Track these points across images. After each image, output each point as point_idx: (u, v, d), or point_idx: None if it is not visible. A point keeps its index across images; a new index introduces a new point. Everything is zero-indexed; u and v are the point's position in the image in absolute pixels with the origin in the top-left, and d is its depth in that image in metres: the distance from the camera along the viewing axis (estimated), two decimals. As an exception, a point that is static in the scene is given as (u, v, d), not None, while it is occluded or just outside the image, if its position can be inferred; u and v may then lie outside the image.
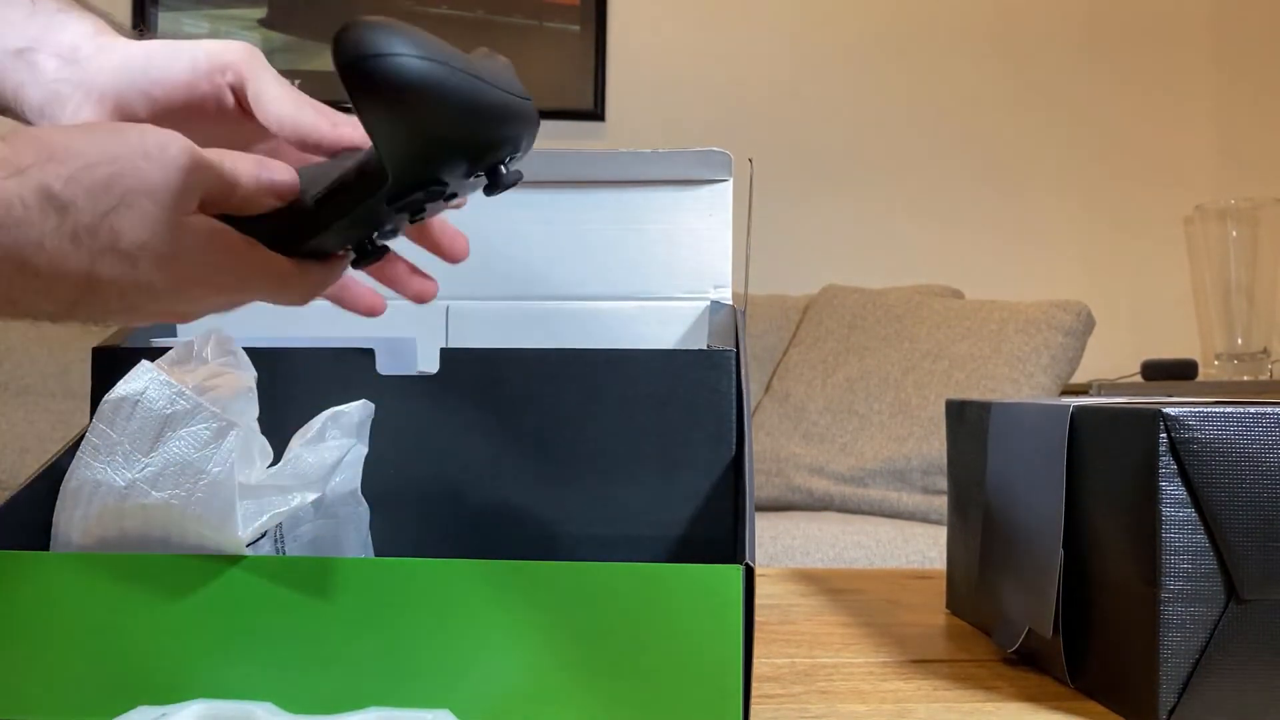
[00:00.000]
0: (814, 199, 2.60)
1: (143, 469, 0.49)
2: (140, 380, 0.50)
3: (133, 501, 0.49)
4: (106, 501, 0.49)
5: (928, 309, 2.17)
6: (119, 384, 0.50)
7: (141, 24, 2.48)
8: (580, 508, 0.60)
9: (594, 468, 0.60)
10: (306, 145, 0.49)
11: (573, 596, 0.46)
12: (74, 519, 0.50)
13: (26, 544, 0.52)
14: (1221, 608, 0.49)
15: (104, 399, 0.50)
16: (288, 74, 0.50)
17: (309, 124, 0.48)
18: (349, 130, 0.48)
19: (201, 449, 0.49)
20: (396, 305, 0.75)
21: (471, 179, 0.45)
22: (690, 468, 0.60)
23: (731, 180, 0.74)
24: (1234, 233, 2.42)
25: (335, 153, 0.49)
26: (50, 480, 0.53)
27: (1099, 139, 2.65)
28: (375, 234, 0.48)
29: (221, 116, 0.50)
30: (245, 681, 0.47)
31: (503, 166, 0.45)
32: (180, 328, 0.67)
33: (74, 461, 0.51)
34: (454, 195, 0.47)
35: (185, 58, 0.49)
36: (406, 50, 0.37)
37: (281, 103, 0.48)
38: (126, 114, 0.49)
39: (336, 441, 0.55)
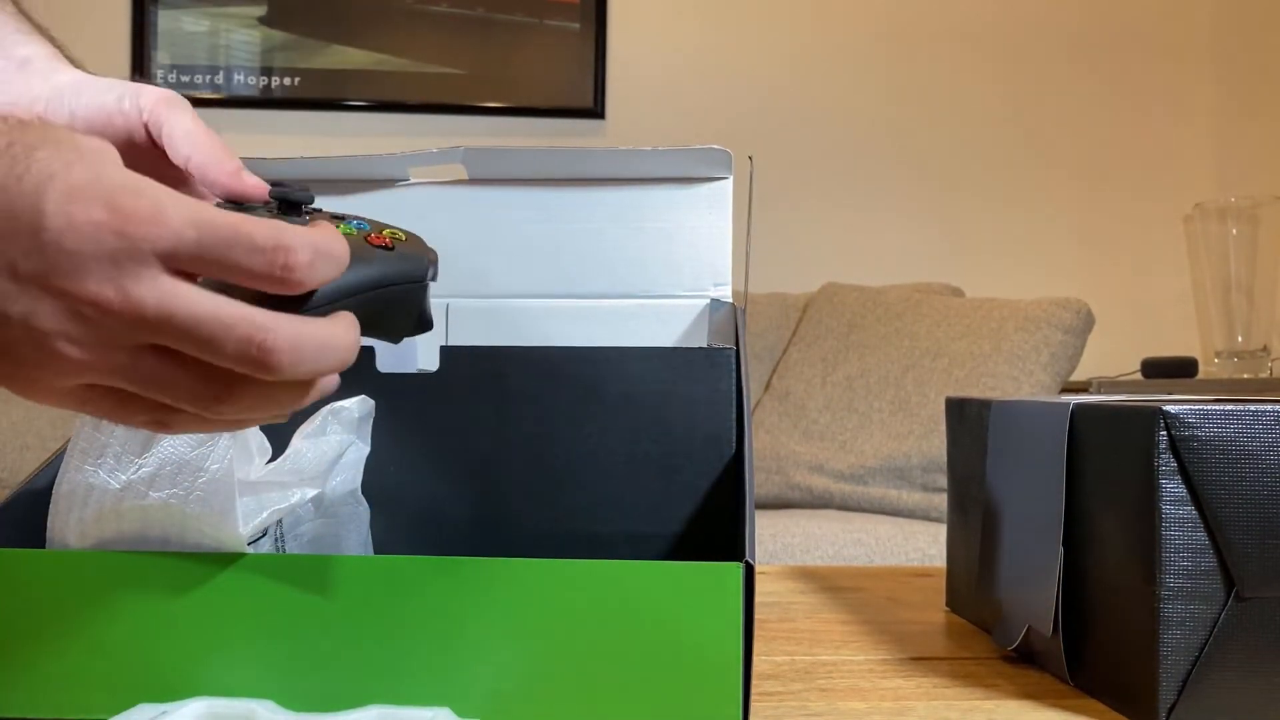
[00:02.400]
0: (814, 197, 2.59)
1: (137, 470, 0.49)
2: None
3: (130, 503, 0.49)
4: (103, 504, 0.49)
5: (927, 307, 2.17)
6: None
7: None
8: (580, 506, 0.60)
9: (594, 466, 0.60)
10: (205, 182, 0.47)
11: (572, 594, 0.46)
12: (69, 522, 0.50)
13: (27, 541, 0.52)
14: (1221, 605, 0.49)
15: None
16: (287, 72, 0.50)
17: (212, 163, 0.47)
18: (246, 183, 0.47)
19: (197, 446, 0.49)
20: (396, 303, 0.75)
21: None
22: (690, 466, 0.60)
23: (731, 178, 0.74)
24: (1234, 231, 2.42)
25: (229, 198, 0.47)
26: (51, 478, 0.53)
27: (1099, 137, 2.65)
28: None
29: (135, 151, 0.50)
30: (245, 679, 0.48)
31: None
32: None
33: (63, 465, 0.51)
34: None
35: (115, 92, 0.50)
36: None
37: (191, 137, 0.48)
38: None
39: (337, 437, 0.55)
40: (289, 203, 0.42)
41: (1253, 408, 0.49)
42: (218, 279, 0.35)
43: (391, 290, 0.40)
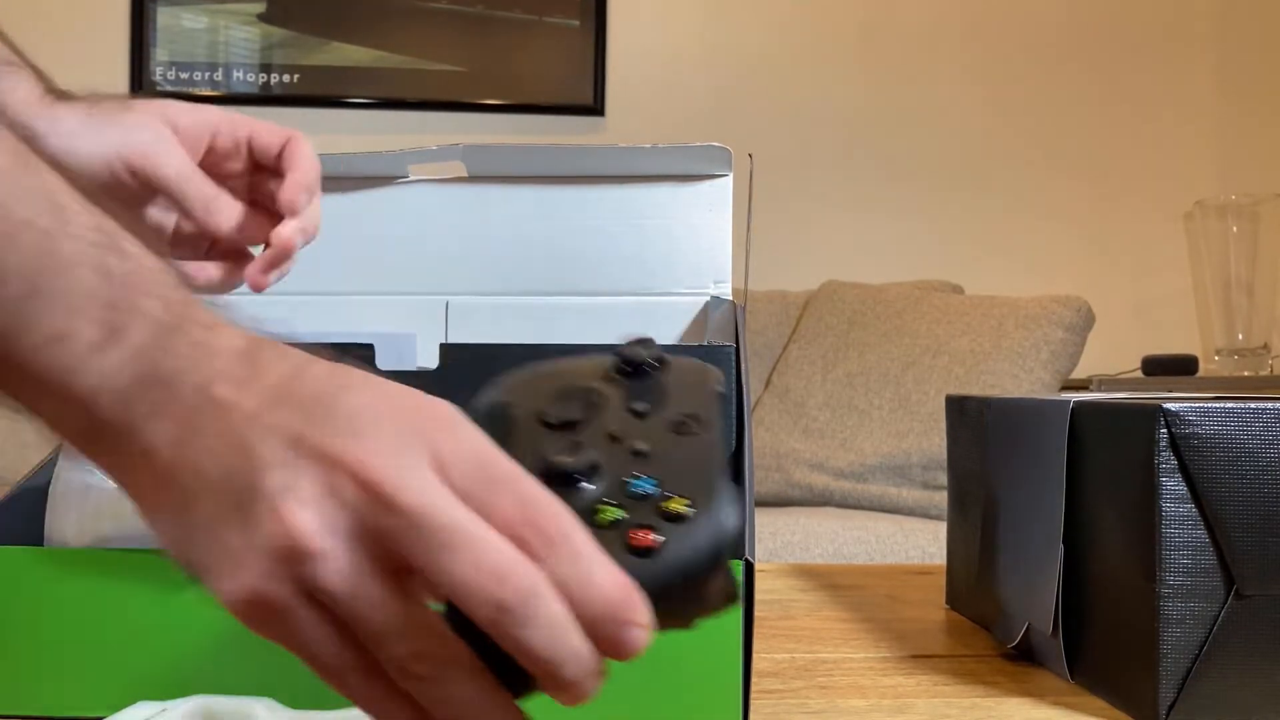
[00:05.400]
0: (814, 195, 2.59)
1: None
2: None
3: (129, 501, 0.49)
4: (100, 503, 0.49)
5: (927, 304, 2.17)
6: None
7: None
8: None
9: (594, 463, 0.60)
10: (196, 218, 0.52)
11: (572, 592, 0.46)
12: (67, 520, 0.50)
13: (26, 539, 0.52)
14: (1221, 603, 0.49)
15: None
16: (287, 69, 0.51)
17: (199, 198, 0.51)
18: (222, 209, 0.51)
19: None
20: (397, 300, 0.75)
21: None
22: (690, 463, 0.60)
23: (731, 175, 0.73)
24: (1234, 228, 2.42)
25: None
26: (50, 475, 0.53)
27: (1099, 134, 2.65)
28: None
29: (132, 199, 0.53)
30: (244, 676, 0.47)
31: None
32: None
33: (58, 465, 0.50)
34: None
35: (106, 144, 0.52)
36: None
37: (178, 174, 0.52)
38: None
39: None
40: (633, 364, 0.38)
41: (1253, 405, 0.49)
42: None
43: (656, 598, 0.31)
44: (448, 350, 0.61)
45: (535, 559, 0.30)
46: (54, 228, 0.30)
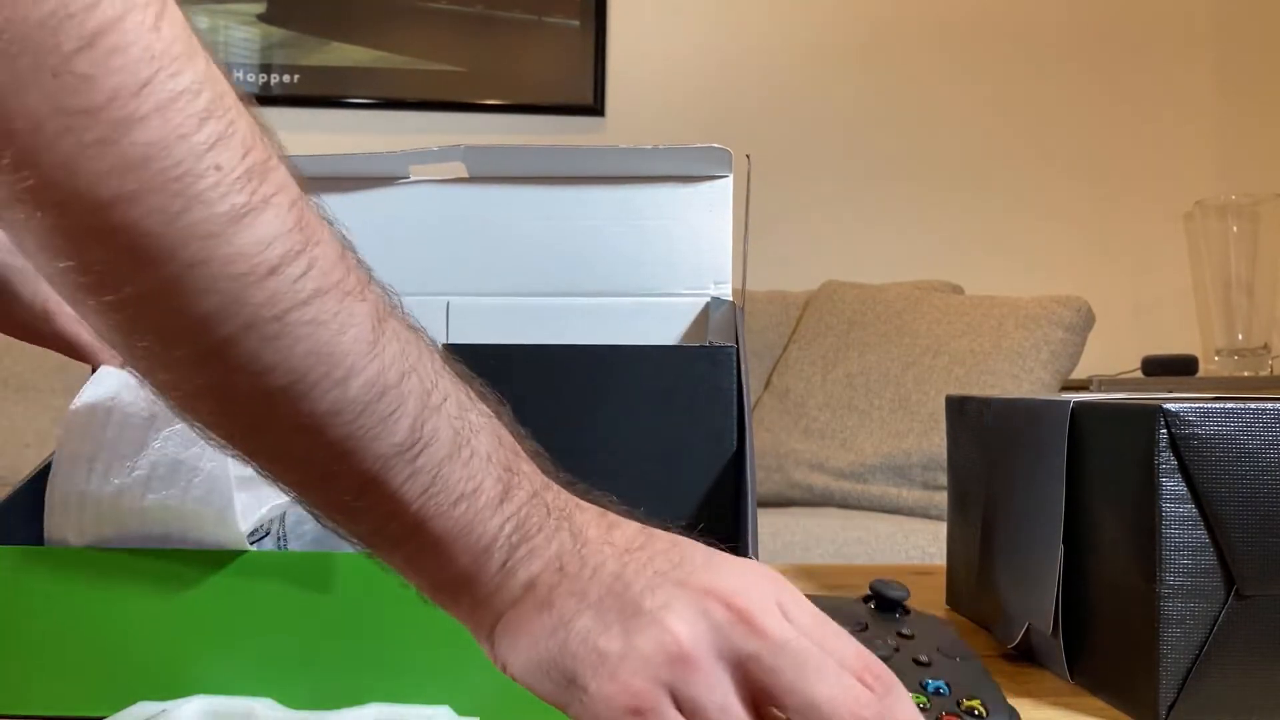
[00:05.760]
0: (814, 195, 2.59)
1: (130, 473, 0.49)
2: (109, 384, 0.50)
3: (128, 506, 0.49)
4: (100, 508, 0.49)
5: (927, 305, 2.17)
6: (85, 390, 0.50)
7: None
8: (580, 504, 0.60)
9: (595, 464, 0.60)
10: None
11: (573, 592, 0.46)
12: (67, 522, 0.50)
13: (27, 539, 0.52)
14: (1221, 604, 0.49)
15: (71, 407, 0.50)
16: (287, 69, 0.50)
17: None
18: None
19: (191, 446, 0.49)
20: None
21: None
22: (691, 464, 0.60)
23: (731, 176, 0.73)
24: (1234, 228, 2.42)
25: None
26: (49, 476, 0.53)
27: (1099, 134, 2.65)
28: None
29: None
30: (245, 677, 0.47)
31: None
32: None
33: (53, 471, 0.50)
34: None
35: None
36: None
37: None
38: None
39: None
40: (884, 599, 0.44)
41: (1253, 406, 0.49)
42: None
43: None
44: (447, 350, 0.61)
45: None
46: (464, 399, 0.36)
